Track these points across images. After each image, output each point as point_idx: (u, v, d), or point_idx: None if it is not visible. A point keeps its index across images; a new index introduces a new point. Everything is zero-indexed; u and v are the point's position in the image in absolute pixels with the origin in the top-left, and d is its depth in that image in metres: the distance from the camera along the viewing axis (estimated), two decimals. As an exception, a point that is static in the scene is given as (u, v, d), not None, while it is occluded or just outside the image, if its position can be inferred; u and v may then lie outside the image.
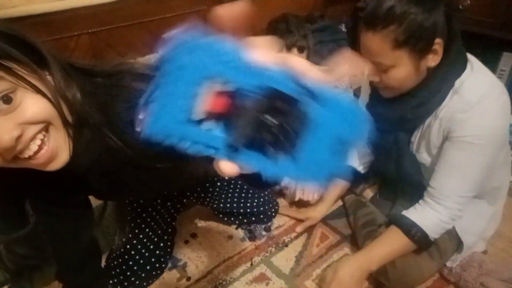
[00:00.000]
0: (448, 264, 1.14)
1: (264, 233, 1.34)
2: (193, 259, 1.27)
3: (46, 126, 0.58)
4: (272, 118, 0.26)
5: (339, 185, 1.36)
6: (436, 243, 1.07)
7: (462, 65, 0.95)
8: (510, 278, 1.10)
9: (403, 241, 1.00)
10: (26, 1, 1.29)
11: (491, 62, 1.96)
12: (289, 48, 1.43)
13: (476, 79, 0.93)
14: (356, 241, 1.26)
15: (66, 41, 1.41)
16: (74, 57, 1.49)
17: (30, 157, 0.57)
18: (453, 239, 1.10)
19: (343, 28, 2.09)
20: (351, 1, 2.50)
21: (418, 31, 0.88)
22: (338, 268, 1.03)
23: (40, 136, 0.57)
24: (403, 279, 1.06)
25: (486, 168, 0.96)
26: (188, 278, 1.20)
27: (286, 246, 1.30)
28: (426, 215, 0.99)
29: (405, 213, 1.03)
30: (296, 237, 1.34)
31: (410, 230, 0.99)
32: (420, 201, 1.02)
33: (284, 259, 1.26)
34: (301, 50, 1.43)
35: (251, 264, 1.24)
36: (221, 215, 1.32)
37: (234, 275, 1.20)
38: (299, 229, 1.34)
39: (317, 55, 1.81)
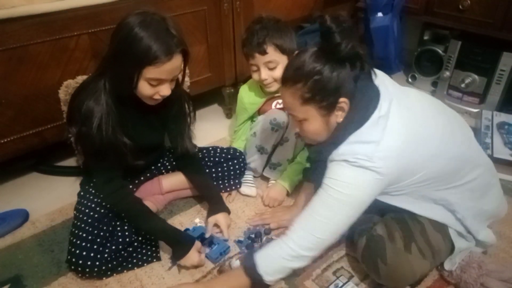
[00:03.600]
0: (447, 267, 1.14)
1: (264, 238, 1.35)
2: (193, 259, 1.26)
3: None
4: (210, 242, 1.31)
5: (308, 189, 1.39)
6: (429, 242, 1.07)
7: (354, 126, 0.97)
8: (510, 278, 1.10)
9: (241, 280, 1.04)
10: (26, 1, 1.29)
11: (491, 62, 1.96)
12: (251, 56, 1.44)
13: (348, 144, 0.97)
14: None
15: (66, 41, 1.41)
16: (74, 57, 1.51)
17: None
18: (447, 240, 1.10)
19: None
20: (351, 1, 2.50)
21: (322, 90, 0.95)
22: None
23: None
24: (393, 276, 1.07)
25: (335, 217, 0.98)
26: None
27: (286, 246, 1.31)
28: (271, 247, 1.04)
29: (257, 252, 1.05)
30: (296, 237, 1.34)
31: (248, 269, 1.03)
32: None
33: (284, 259, 1.26)
34: (262, 53, 1.41)
35: (251, 264, 1.24)
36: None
37: (234, 275, 1.21)
38: (273, 225, 1.38)
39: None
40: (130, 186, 1.39)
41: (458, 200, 1.07)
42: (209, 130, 1.98)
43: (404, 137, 0.96)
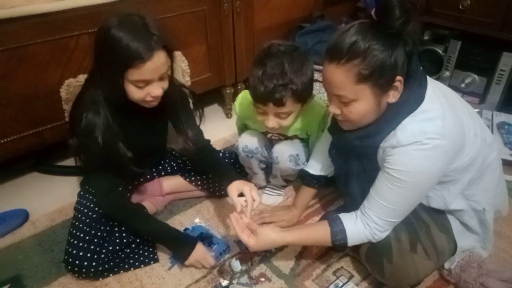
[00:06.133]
0: (446, 266, 1.14)
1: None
2: (193, 259, 1.27)
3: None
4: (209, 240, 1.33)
5: (307, 191, 1.40)
6: (434, 242, 1.08)
7: (412, 105, 0.95)
8: (510, 278, 1.10)
9: (324, 239, 1.09)
10: (26, 1, 1.29)
11: (491, 62, 1.96)
12: (263, 103, 1.19)
13: (415, 123, 0.94)
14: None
15: (66, 41, 1.41)
16: (74, 57, 1.50)
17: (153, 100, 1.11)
18: (450, 241, 1.11)
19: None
20: (351, 1, 2.50)
21: (381, 67, 0.89)
22: (263, 235, 1.10)
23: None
24: (398, 275, 1.07)
25: (409, 202, 1.02)
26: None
27: (286, 246, 1.30)
28: (356, 226, 1.06)
29: (342, 217, 1.09)
30: (296, 237, 1.34)
31: (336, 235, 1.07)
32: (358, 211, 1.08)
33: (284, 259, 1.26)
34: (278, 104, 1.17)
35: (251, 264, 1.24)
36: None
37: (234, 275, 1.20)
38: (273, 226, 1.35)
39: (317, 55, 1.82)
40: (129, 187, 1.39)
41: (482, 191, 1.09)
42: (209, 130, 1.97)
43: (453, 112, 0.98)
